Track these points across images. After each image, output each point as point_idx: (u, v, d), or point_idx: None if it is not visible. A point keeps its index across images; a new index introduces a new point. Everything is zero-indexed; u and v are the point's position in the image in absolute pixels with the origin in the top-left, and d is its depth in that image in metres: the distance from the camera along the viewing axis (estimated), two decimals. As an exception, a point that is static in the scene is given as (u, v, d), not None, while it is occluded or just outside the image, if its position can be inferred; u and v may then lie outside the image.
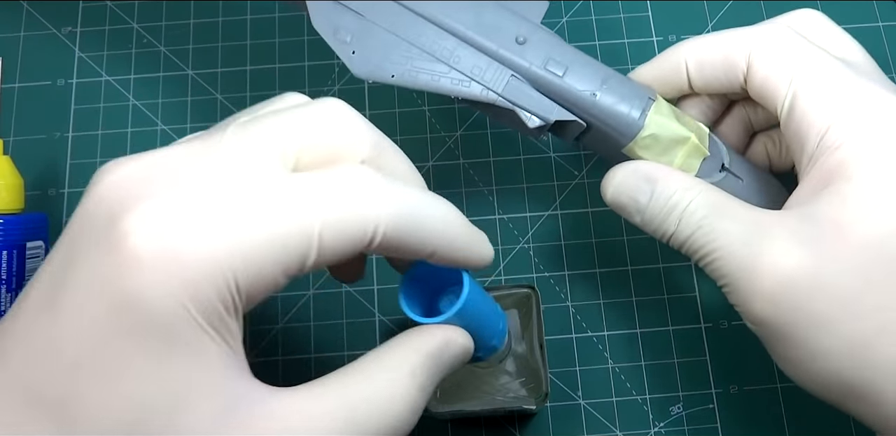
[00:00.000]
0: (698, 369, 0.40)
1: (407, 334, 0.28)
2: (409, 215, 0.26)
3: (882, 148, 0.29)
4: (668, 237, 0.32)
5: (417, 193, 0.27)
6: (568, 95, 0.34)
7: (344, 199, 0.24)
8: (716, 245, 0.30)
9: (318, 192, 0.24)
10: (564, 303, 0.41)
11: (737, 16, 0.46)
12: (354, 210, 0.24)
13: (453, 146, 0.44)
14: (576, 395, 0.40)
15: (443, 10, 0.33)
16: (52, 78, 0.45)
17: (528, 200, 0.43)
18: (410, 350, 0.27)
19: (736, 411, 0.39)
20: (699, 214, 0.31)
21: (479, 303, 0.30)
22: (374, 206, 0.25)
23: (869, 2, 0.46)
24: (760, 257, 0.29)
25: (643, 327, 0.41)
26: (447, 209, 0.28)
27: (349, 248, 0.25)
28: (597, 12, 0.46)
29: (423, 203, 0.27)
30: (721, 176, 0.34)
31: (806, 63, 0.31)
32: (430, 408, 0.35)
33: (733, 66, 0.33)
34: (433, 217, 0.27)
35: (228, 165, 0.24)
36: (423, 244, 0.26)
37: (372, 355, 0.27)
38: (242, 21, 0.46)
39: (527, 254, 0.42)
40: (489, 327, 0.31)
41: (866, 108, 0.30)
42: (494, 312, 0.32)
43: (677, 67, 0.34)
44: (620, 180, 0.33)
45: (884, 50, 0.45)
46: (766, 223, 0.30)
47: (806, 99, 0.31)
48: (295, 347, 0.40)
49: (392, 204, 0.25)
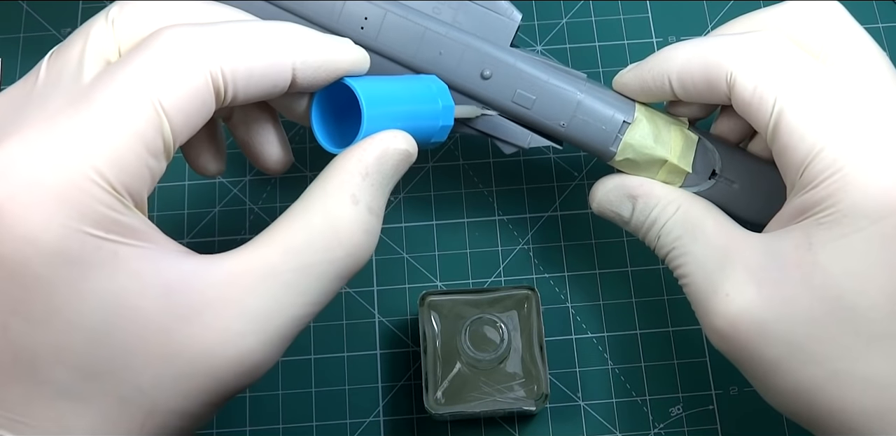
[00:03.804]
0: (698, 370, 0.40)
1: (341, 155, 0.28)
2: (248, 52, 0.26)
3: (858, 190, 0.27)
4: (653, 249, 0.33)
5: (245, 27, 0.27)
6: (539, 126, 0.34)
7: (166, 62, 0.25)
8: (685, 270, 0.31)
9: (141, 66, 0.25)
10: (564, 304, 0.41)
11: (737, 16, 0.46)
12: (183, 70, 0.25)
13: (453, 147, 0.44)
14: (575, 396, 0.40)
15: (403, 49, 0.33)
16: (51, 78, 0.45)
17: (527, 201, 0.43)
18: (345, 173, 0.27)
19: (736, 412, 0.39)
20: (673, 235, 0.32)
21: (389, 98, 0.29)
22: (207, 59, 0.25)
23: (869, 2, 0.46)
24: (716, 293, 0.30)
25: (643, 328, 0.41)
26: (289, 31, 0.27)
27: (197, 112, 0.25)
28: (597, 13, 0.46)
29: (250, 35, 0.26)
30: (710, 184, 0.34)
31: (790, 82, 0.29)
32: (431, 409, 0.35)
33: (716, 85, 0.31)
34: (268, 46, 0.27)
35: (46, 90, 0.25)
36: (273, 71, 0.26)
37: (311, 188, 0.27)
38: (242, 22, 0.46)
39: (526, 255, 0.42)
40: (423, 110, 0.30)
41: (850, 141, 0.28)
42: (421, 95, 0.31)
43: (660, 84, 0.32)
44: (603, 195, 0.34)
45: (884, 50, 0.45)
46: (732, 252, 0.30)
47: (790, 124, 0.28)
48: (295, 347, 0.40)
49: (224, 46, 0.25)
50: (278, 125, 0.32)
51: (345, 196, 0.27)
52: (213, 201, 0.43)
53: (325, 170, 0.28)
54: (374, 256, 0.42)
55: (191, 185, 0.43)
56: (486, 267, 0.42)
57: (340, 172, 0.27)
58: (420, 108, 0.30)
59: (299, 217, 0.27)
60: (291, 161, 0.33)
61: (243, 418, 0.39)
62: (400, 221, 0.42)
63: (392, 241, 0.42)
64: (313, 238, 0.26)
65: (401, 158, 0.28)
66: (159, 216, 0.42)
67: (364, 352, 0.40)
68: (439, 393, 0.36)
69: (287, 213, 0.27)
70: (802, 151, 0.28)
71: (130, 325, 0.24)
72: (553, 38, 0.46)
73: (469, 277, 0.42)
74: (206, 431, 0.39)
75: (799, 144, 0.28)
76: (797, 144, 0.28)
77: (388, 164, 0.28)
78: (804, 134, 0.28)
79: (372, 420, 0.39)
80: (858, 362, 0.27)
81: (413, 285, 0.41)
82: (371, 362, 0.40)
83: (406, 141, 0.28)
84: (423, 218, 0.43)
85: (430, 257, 0.42)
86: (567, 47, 0.45)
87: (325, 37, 0.28)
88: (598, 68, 0.45)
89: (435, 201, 0.43)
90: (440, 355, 0.36)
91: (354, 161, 0.27)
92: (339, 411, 0.39)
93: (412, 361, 0.40)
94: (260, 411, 0.39)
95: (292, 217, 0.27)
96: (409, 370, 0.40)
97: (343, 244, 0.26)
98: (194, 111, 0.25)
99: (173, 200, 0.43)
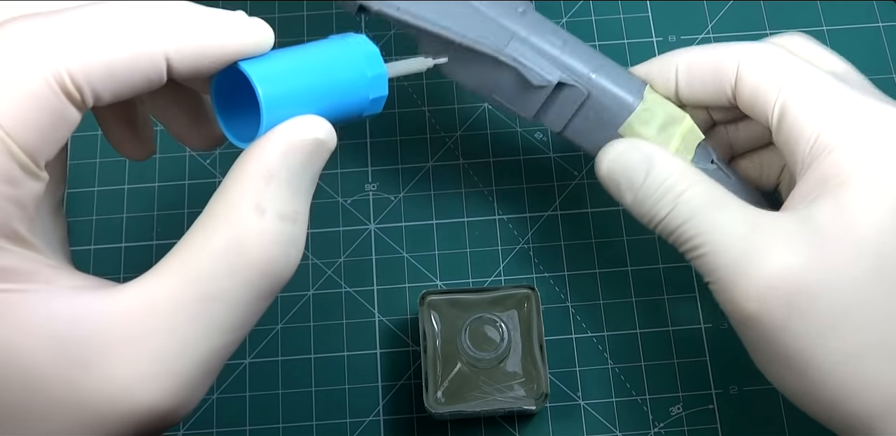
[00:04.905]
0: (698, 370, 0.40)
1: (240, 158, 0.24)
2: (103, 44, 0.22)
3: (876, 152, 0.28)
4: (656, 222, 0.30)
5: (100, 13, 0.23)
6: (567, 69, 0.33)
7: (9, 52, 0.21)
8: (708, 238, 0.29)
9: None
10: (564, 303, 0.41)
11: (737, 16, 0.46)
12: (17, 79, 0.21)
13: (453, 146, 0.44)
14: (575, 395, 0.40)
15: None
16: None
17: (527, 201, 0.43)
18: (246, 179, 0.23)
19: (736, 412, 0.39)
20: (695, 203, 0.29)
21: (296, 77, 0.25)
22: (44, 60, 0.22)
23: (869, 2, 0.46)
24: (755, 255, 0.28)
25: (643, 328, 0.41)
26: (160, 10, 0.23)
27: (50, 123, 0.22)
28: (597, 12, 0.46)
29: (105, 22, 0.23)
30: (713, 167, 0.34)
31: (795, 71, 0.31)
32: (431, 408, 0.35)
33: (723, 73, 0.32)
34: (129, 34, 0.23)
35: None
36: (140, 64, 0.23)
37: (212, 199, 0.24)
38: (242, 21, 0.46)
39: (526, 254, 0.42)
40: (344, 84, 0.26)
41: (857, 113, 0.29)
42: (340, 66, 0.26)
43: (667, 72, 0.33)
44: (619, 153, 0.31)
45: (884, 50, 0.45)
46: (765, 221, 0.29)
47: (797, 104, 0.30)
48: (295, 347, 0.40)
49: (71, 40, 0.22)
50: (187, 104, 0.29)
51: (247, 206, 0.23)
52: (213, 201, 0.43)
53: (226, 176, 0.24)
54: (374, 256, 0.42)
55: (191, 184, 0.43)
56: (486, 266, 0.42)
57: (240, 177, 0.24)
58: (339, 82, 0.25)
59: (200, 236, 0.23)
60: (217, 136, 0.29)
61: (243, 417, 0.39)
62: (400, 221, 0.43)
63: (392, 240, 0.42)
64: (217, 260, 0.23)
65: (311, 150, 0.24)
66: (159, 216, 0.42)
67: (364, 351, 0.40)
68: (439, 392, 0.36)
69: (190, 231, 0.24)
70: (814, 123, 0.29)
71: (25, 377, 0.22)
72: (553, 38, 0.46)
73: (469, 276, 0.42)
74: (206, 430, 0.39)
75: (809, 118, 0.29)
76: (807, 120, 0.29)
77: (296, 159, 0.24)
78: (815, 109, 0.29)
79: (372, 420, 0.39)
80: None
81: (413, 285, 0.41)
82: (371, 362, 0.40)
83: (316, 128, 0.24)
84: (423, 217, 0.43)
85: (430, 257, 0.42)
86: (567, 47, 0.45)
87: (208, 15, 0.24)
88: (598, 68, 0.45)
89: (435, 201, 0.43)
90: (440, 354, 0.36)
91: (254, 163, 0.24)
92: (339, 410, 0.39)
93: (412, 360, 0.40)
94: (260, 411, 0.39)
95: (194, 236, 0.23)
96: (409, 370, 0.40)
97: (254, 264, 0.23)
98: (47, 124, 0.22)
99: (173, 200, 0.43)
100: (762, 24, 0.46)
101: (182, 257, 0.23)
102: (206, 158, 0.43)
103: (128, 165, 0.43)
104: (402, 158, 0.44)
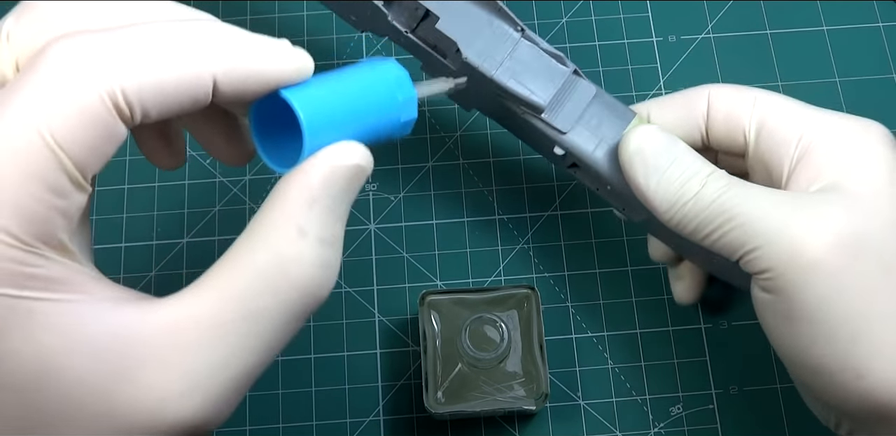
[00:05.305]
0: (698, 370, 0.40)
1: (283, 181, 0.25)
2: (155, 63, 0.23)
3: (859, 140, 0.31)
4: (684, 202, 0.31)
5: (153, 33, 0.23)
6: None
7: (54, 86, 0.22)
8: (746, 208, 0.30)
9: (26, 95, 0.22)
10: (564, 303, 0.41)
11: (737, 16, 0.46)
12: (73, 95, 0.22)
13: (453, 146, 0.44)
14: (575, 395, 0.40)
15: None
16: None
17: (527, 201, 0.43)
18: (289, 203, 0.24)
19: (736, 412, 0.39)
20: (725, 181, 0.31)
21: (334, 104, 0.25)
22: (100, 77, 0.22)
23: (869, 2, 0.46)
24: (806, 212, 0.29)
25: (643, 328, 0.41)
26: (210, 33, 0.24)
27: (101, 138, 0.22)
28: (597, 12, 0.46)
29: (157, 42, 0.23)
30: None
31: (763, 92, 0.33)
32: (431, 408, 0.36)
33: (694, 105, 0.34)
34: (180, 54, 0.23)
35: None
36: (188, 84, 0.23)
37: (254, 220, 0.24)
38: (242, 21, 0.46)
39: (526, 254, 0.42)
40: (379, 108, 0.26)
41: (829, 115, 0.32)
42: (375, 90, 0.26)
43: (638, 109, 0.35)
44: (645, 136, 0.32)
45: (884, 50, 0.45)
46: (795, 194, 0.31)
47: (775, 115, 0.32)
48: (294, 347, 0.40)
49: (125, 58, 0.22)
50: (224, 124, 0.29)
51: (290, 229, 0.24)
52: (213, 201, 0.43)
53: (268, 198, 0.25)
54: (374, 256, 0.42)
55: (191, 184, 0.43)
56: (486, 266, 0.42)
57: (283, 201, 0.24)
58: (373, 106, 0.26)
59: (243, 256, 0.24)
60: (250, 154, 0.30)
61: (243, 417, 0.39)
62: (400, 221, 0.43)
63: (392, 240, 0.42)
64: (259, 280, 0.23)
65: (351, 175, 0.25)
66: (159, 216, 0.42)
67: (364, 351, 0.40)
68: (439, 392, 0.36)
69: (231, 250, 0.24)
70: (797, 128, 0.32)
71: (60, 385, 0.22)
72: (553, 38, 0.46)
73: (469, 276, 0.42)
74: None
75: (792, 123, 0.32)
76: (790, 125, 0.32)
77: (337, 185, 0.25)
78: (794, 116, 0.32)
79: (372, 420, 0.39)
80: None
81: (413, 285, 0.41)
82: (371, 362, 0.40)
83: (357, 154, 0.25)
84: (423, 217, 0.43)
85: (430, 257, 0.42)
86: (567, 46, 0.45)
87: (255, 41, 0.25)
88: (598, 67, 0.45)
89: (435, 201, 0.43)
90: (440, 354, 0.36)
91: (298, 188, 0.24)
92: (339, 410, 0.39)
93: (412, 360, 0.40)
94: (260, 411, 0.39)
95: (236, 255, 0.24)
96: (409, 370, 0.40)
97: (294, 284, 0.24)
98: (98, 138, 0.22)
99: (173, 200, 0.43)
100: (762, 24, 0.46)
101: (224, 276, 0.24)
102: (206, 159, 0.43)
103: (128, 166, 0.43)
104: (402, 158, 0.44)
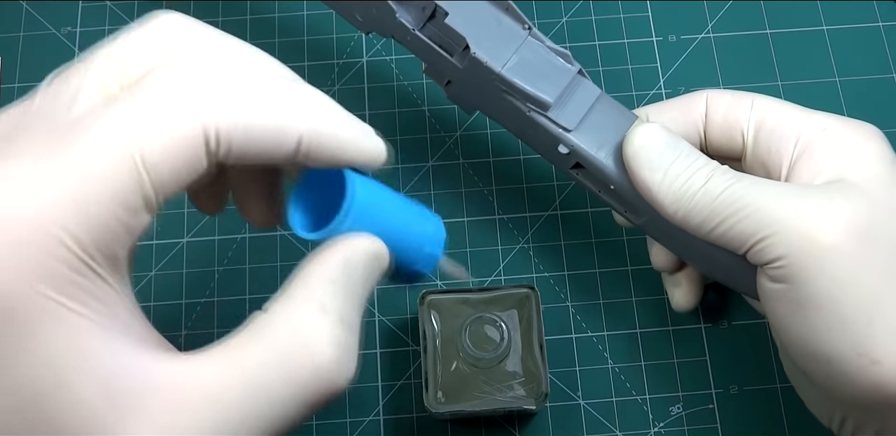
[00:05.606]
0: (698, 369, 0.40)
1: (307, 260, 0.25)
2: (252, 107, 0.23)
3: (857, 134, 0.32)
4: (692, 193, 0.31)
5: (260, 80, 0.24)
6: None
7: (155, 110, 0.22)
8: (757, 196, 0.30)
9: (127, 113, 0.22)
10: (564, 303, 0.41)
11: (737, 16, 0.46)
12: (172, 120, 0.22)
13: (453, 146, 0.44)
14: (575, 395, 0.40)
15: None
16: (51, 78, 0.45)
17: (527, 200, 0.43)
18: (312, 280, 0.24)
19: (736, 411, 0.39)
20: (732, 172, 0.31)
21: (381, 204, 0.26)
22: (200, 109, 0.22)
23: (869, 2, 0.46)
24: (818, 199, 0.30)
25: (643, 327, 0.41)
26: (311, 96, 0.24)
27: (185, 167, 0.23)
28: (597, 12, 0.46)
29: (259, 88, 0.23)
30: None
31: (761, 96, 0.34)
32: (431, 407, 0.36)
33: (692, 108, 0.34)
34: (278, 106, 0.24)
35: (36, 119, 0.23)
36: (276, 135, 0.23)
37: (275, 300, 0.24)
38: (242, 21, 0.46)
39: (526, 254, 0.42)
40: (410, 231, 0.27)
41: (831, 118, 0.33)
42: (414, 214, 0.28)
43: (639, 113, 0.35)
44: (655, 131, 0.32)
45: (884, 50, 0.45)
46: (801, 185, 0.31)
47: (773, 114, 0.33)
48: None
49: (226, 96, 0.23)
50: (269, 188, 0.30)
51: (312, 304, 0.24)
52: (213, 201, 0.43)
53: (291, 275, 0.25)
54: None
55: (191, 184, 0.43)
56: (486, 266, 0.42)
57: (307, 278, 0.24)
58: (409, 232, 0.27)
59: (262, 328, 0.24)
60: (277, 223, 0.30)
61: (243, 417, 0.39)
62: (400, 221, 0.42)
63: (392, 240, 0.42)
64: (273, 354, 0.23)
65: (371, 261, 0.25)
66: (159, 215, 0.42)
67: (364, 351, 0.40)
68: (439, 392, 0.36)
69: (250, 323, 0.24)
70: (798, 124, 0.32)
71: (60, 400, 0.21)
72: (553, 38, 0.45)
73: (469, 276, 0.42)
74: (206, 430, 0.39)
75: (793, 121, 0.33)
76: (792, 122, 0.33)
77: (357, 269, 0.25)
78: (793, 115, 0.33)
79: (372, 419, 0.39)
80: None
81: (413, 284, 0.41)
82: (371, 361, 0.40)
83: (380, 247, 0.26)
84: (423, 217, 0.43)
85: (430, 257, 0.42)
86: (567, 46, 0.45)
87: (346, 115, 0.25)
88: (598, 67, 0.45)
89: (435, 201, 0.43)
90: (440, 353, 0.36)
91: (321, 264, 0.25)
92: (340, 409, 0.39)
93: (412, 360, 0.40)
94: (260, 411, 0.39)
95: (255, 327, 0.24)
96: (409, 369, 0.40)
97: (315, 361, 0.23)
98: (183, 167, 0.23)
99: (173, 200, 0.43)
100: (762, 23, 0.46)
101: (239, 346, 0.23)
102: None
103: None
104: (402, 158, 0.44)
